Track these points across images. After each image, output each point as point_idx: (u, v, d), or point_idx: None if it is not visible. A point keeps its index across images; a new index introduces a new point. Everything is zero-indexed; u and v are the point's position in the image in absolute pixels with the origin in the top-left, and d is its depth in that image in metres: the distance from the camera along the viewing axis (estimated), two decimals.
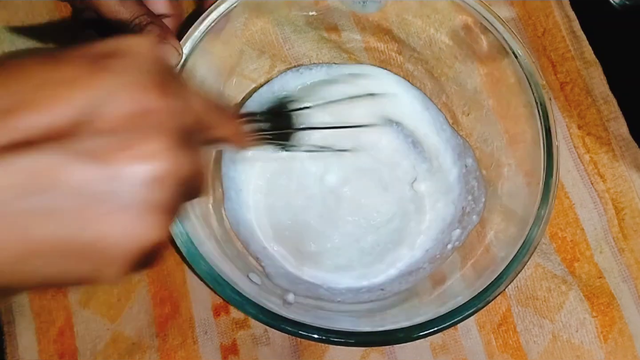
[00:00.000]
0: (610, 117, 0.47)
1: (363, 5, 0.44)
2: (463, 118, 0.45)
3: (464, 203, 0.44)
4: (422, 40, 0.44)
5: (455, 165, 0.45)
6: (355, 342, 0.35)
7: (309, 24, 0.45)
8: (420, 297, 0.40)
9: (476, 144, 0.44)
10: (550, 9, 0.49)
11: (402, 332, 0.35)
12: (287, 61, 0.46)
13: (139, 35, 0.23)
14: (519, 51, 0.39)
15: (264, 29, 0.44)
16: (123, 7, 0.36)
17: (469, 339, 0.43)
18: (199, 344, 0.42)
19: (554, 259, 0.44)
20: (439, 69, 0.45)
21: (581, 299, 0.43)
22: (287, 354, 0.42)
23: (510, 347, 0.43)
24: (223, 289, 0.35)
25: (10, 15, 0.45)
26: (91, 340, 0.42)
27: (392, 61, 0.46)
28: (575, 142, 0.46)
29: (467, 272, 0.40)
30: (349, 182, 0.45)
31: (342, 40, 0.46)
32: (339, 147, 0.43)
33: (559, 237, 0.45)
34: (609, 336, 0.43)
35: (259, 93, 0.45)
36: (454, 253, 0.42)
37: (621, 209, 0.45)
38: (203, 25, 0.39)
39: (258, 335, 0.42)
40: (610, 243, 0.45)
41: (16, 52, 0.36)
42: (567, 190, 0.46)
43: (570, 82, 0.47)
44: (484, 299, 0.36)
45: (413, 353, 0.42)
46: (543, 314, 0.43)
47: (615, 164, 0.46)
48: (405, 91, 0.46)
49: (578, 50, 0.48)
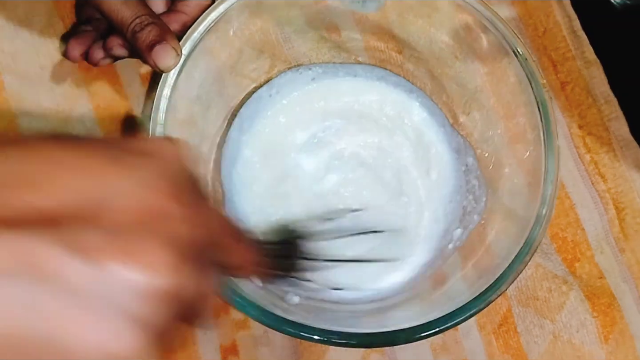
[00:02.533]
0: (611, 117, 0.47)
1: (362, 4, 0.44)
2: (463, 117, 0.45)
3: (465, 202, 0.44)
4: (422, 39, 0.44)
5: (456, 164, 0.45)
6: (357, 343, 0.35)
7: (309, 23, 0.45)
8: (421, 297, 0.40)
9: (477, 143, 0.44)
10: (550, 9, 0.49)
11: (403, 333, 0.35)
12: (287, 61, 0.46)
13: (168, 139, 0.22)
14: (520, 51, 0.39)
15: (264, 28, 0.44)
16: (125, 6, 0.36)
17: (470, 340, 0.43)
18: (198, 344, 0.42)
19: (554, 259, 0.44)
20: (440, 69, 0.45)
21: (582, 299, 0.43)
22: (287, 355, 0.42)
23: (510, 348, 0.43)
24: (224, 291, 0.35)
25: (9, 13, 0.45)
26: None
27: (392, 61, 0.46)
28: (576, 142, 0.46)
29: (468, 273, 0.40)
30: (349, 184, 0.45)
31: (342, 39, 0.46)
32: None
33: (560, 237, 0.45)
34: (609, 336, 0.43)
35: (258, 93, 0.45)
36: (455, 253, 0.42)
37: (622, 209, 0.45)
38: (203, 26, 0.39)
39: (258, 335, 0.42)
40: (611, 243, 0.45)
41: (41, 133, 0.35)
42: (568, 190, 0.45)
43: (571, 82, 0.47)
44: (485, 300, 0.36)
45: (413, 353, 0.42)
46: (544, 314, 0.43)
47: (616, 164, 0.46)
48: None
49: (579, 49, 0.48)
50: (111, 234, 0.18)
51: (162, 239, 0.19)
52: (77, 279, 0.18)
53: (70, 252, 0.18)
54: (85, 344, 0.18)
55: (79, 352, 0.18)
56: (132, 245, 0.18)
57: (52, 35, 0.45)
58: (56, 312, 0.18)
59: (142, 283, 0.18)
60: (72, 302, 0.18)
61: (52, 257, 0.18)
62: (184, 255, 0.19)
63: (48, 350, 0.18)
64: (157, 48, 0.36)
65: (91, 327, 0.18)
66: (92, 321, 0.18)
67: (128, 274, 0.18)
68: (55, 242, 0.18)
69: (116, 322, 0.18)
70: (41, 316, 0.18)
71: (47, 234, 0.18)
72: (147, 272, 0.18)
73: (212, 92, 0.43)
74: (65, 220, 0.18)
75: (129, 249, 0.18)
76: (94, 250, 0.18)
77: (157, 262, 0.19)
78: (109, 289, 0.18)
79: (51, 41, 0.45)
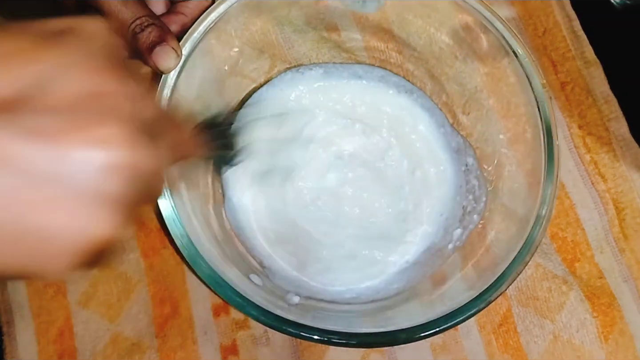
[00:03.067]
0: (611, 117, 0.47)
1: (362, 4, 0.44)
2: (463, 117, 0.45)
3: (465, 202, 0.44)
4: (422, 39, 0.44)
5: (456, 164, 0.45)
6: (357, 343, 0.35)
7: (309, 23, 0.45)
8: (421, 297, 0.40)
9: (477, 143, 0.44)
10: (550, 9, 0.49)
11: (404, 333, 0.35)
12: (287, 61, 0.46)
13: (95, 17, 0.22)
14: (520, 51, 0.39)
15: (264, 28, 0.44)
16: (125, 7, 0.36)
17: (470, 339, 0.43)
18: (198, 344, 0.42)
19: (554, 259, 0.44)
20: (439, 69, 0.45)
21: (582, 299, 0.43)
22: (287, 355, 0.42)
23: (510, 348, 0.43)
24: (224, 291, 0.35)
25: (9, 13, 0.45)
26: (91, 341, 0.42)
27: (392, 60, 0.46)
28: (576, 142, 0.46)
29: (468, 273, 0.40)
30: (349, 183, 0.45)
31: (342, 39, 0.46)
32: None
33: (560, 237, 0.45)
34: (609, 336, 0.43)
35: (259, 93, 0.45)
36: (455, 253, 0.42)
37: (622, 209, 0.45)
38: (202, 26, 0.39)
39: (258, 335, 0.42)
40: (610, 243, 0.45)
41: None
42: (568, 190, 0.45)
43: (570, 82, 0.47)
44: (485, 300, 0.36)
45: (413, 353, 0.42)
46: (544, 314, 0.43)
47: (616, 164, 0.46)
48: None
49: (579, 49, 0.48)
50: (61, 115, 0.18)
51: (112, 114, 0.19)
52: (40, 163, 0.17)
53: (25, 137, 0.17)
54: (64, 229, 0.18)
55: (59, 237, 0.18)
56: (84, 123, 0.18)
57: None
58: (25, 198, 0.18)
59: (103, 157, 0.18)
60: (39, 186, 0.18)
61: (10, 144, 0.17)
62: (135, 128, 0.19)
63: (26, 238, 0.18)
64: (157, 49, 0.36)
65: (65, 209, 0.18)
66: (64, 203, 0.18)
67: (88, 151, 0.18)
68: (7, 129, 0.17)
69: (86, 200, 0.18)
70: (11, 204, 0.18)
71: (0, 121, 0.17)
72: (106, 146, 0.18)
73: (212, 92, 0.43)
74: (10, 107, 0.18)
75: (83, 127, 0.18)
76: (50, 133, 0.18)
77: (112, 136, 0.18)
78: (71, 169, 0.18)
79: None
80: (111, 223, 0.19)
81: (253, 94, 0.45)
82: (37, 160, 0.17)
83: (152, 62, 0.36)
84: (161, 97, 0.38)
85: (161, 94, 0.38)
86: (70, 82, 0.19)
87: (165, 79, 0.38)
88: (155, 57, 0.36)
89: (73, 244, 0.19)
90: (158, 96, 0.25)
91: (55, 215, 0.18)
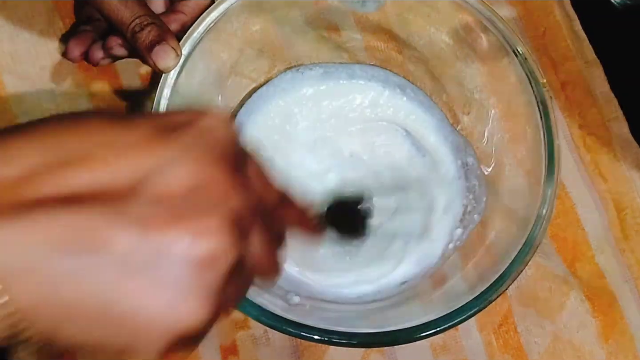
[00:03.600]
0: (611, 117, 0.47)
1: (362, 4, 0.44)
2: (464, 117, 0.45)
3: (465, 202, 0.44)
4: (422, 39, 0.44)
5: (456, 164, 0.45)
6: (357, 343, 0.35)
7: (309, 23, 0.45)
8: (421, 297, 0.40)
9: (477, 143, 0.44)
10: (551, 8, 0.49)
11: (404, 333, 0.35)
12: (287, 61, 0.46)
13: (214, 111, 0.23)
14: (520, 50, 0.39)
15: (264, 28, 0.44)
16: (124, 6, 0.36)
17: (470, 339, 0.43)
18: None
19: (555, 259, 0.44)
20: (440, 68, 0.45)
21: (582, 299, 0.43)
22: (287, 355, 0.42)
23: (511, 348, 0.43)
24: None
25: (9, 13, 0.45)
26: None
27: (392, 60, 0.46)
28: (577, 142, 0.46)
29: (468, 273, 0.39)
30: (349, 184, 0.45)
31: (342, 39, 0.46)
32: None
33: (560, 237, 0.45)
34: (610, 337, 0.43)
35: (259, 93, 0.45)
36: (455, 253, 0.42)
37: (622, 209, 0.45)
38: (202, 26, 0.39)
39: (258, 335, 0.42)
40: (611, 243, 0.45)
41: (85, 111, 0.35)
42: (568, 190, 0.45)
43: (571, 82, 0.47)
44: (485, 300, 0.36)
45: (413, 353, 0.42)
46: (544, 315, 0.43)
47: (617, 164, 0.46)
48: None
49: (579, 49, 0.48)
50: (164, 205, 0.19)
51: (213, 207, 0.19)
52: (137, 252, 0.18)
53: (128, 226, 0.18)
54: (158, 316, 0.19)
55: (153, 325, 0.19)
56: (185, 215, 0.19)
57: (52, 35, 0.45)
58: (122, 284, 0.18)
59: (198, 249, 0.19)
60: (136, 274, 0.18)
61: (108, 230, 0.18)
62: (235, 220, 0.20)
63: (122, 322, 0.19)
64: (156, 48, 0.36)
65: (160, 298, 0.19)
66: (159, 292, 0.19)
67: (184, 242, 0.19)
68: (112, 217, 0.18)
69: (181, 290, 0.19)
70: (108, 289, 0.18)
71: (103, 208, 0.18)
72: (201, 239, 0.19)
73: (212, 92, 0.43)
74: (118, 196, 0.19)
75: (183, 218, 0.19)
76: (150, 223, 0.19)
77: (210, 228, 0.19)
78: (167, 259, 0.19)
79: (51, 41, 0.45)
80: (203, 313, 0.20)
81: (253, 94, 0.45)
82: (135, 248, 0.18)
83: (151, 61, 0.36)
84: (161, 97, 0.38)
85: (161, 94, 0.38)
86: (180, 175, 0.20)
87: (165, 78, 0.38)
88: (154, 56, 0.36)
89: (165, 331, 0.19)
90: (267, 173, 0.25)
91: (150, 303, 0.19)
